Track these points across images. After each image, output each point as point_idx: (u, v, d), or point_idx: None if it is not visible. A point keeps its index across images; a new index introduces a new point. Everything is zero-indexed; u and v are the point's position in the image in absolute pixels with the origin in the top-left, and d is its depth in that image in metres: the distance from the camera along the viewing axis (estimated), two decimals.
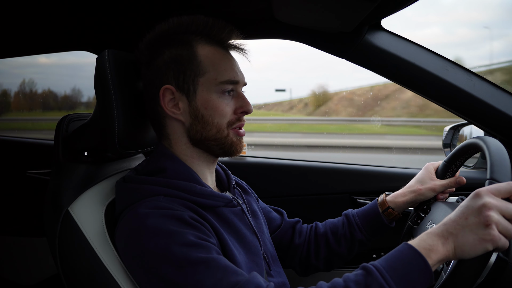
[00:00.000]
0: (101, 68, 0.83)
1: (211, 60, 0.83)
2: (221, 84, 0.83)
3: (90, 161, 0.92)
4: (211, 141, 0.84)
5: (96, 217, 0.82)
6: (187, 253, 0.68)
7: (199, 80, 0.83)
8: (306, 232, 1.10)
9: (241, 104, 0.85)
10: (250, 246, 0.86)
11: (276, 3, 0.94)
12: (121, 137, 0.84)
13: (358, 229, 1.04)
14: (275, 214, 1.12)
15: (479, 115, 1.08)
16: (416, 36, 6.70)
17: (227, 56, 0.87)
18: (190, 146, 0.86)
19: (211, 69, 0.83)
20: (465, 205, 0.68)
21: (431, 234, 0.68)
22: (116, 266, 0.77)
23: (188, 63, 0.83)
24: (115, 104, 0.83)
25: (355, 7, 0.85)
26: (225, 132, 0.84)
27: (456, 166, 1.01)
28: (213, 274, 0.67)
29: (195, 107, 0.83)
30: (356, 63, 1.11)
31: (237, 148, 0.87)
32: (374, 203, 1.06)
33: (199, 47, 0.84)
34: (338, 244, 1.06)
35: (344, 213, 1.10)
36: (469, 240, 0.64)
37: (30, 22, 1.18)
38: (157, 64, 0.85)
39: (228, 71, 0.84)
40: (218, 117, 0.83)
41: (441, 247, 0.66)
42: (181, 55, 0.83)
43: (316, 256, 1.07)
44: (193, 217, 0.75)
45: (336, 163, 1.58)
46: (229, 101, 0.85)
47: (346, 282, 0.67)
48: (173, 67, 0.83)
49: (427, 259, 0.65)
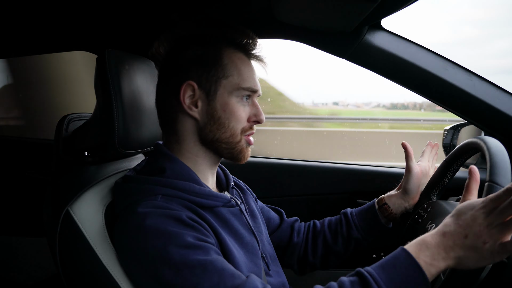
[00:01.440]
0: (101, 68, 0.83)
1: (236, 65, 0.84)
2: (242, 89, 0.84)
3: (90, 161, 0.92)
4: (223, 143, 0.85)
5: (96, 217, 0.82)
6: (185, 255, 0.68)
7: (221, 82, 0.83)
8: (304, 230, 1.11)
9: (255, 113, 0.87)
10: (248, 246, 0.86)
11: (276, 3, 0.94)
12: (121, 137, 0.84)
13: (355, 228, 1.05)
14: (274, 214, 1.13)
15: (479, 115, 1.08)
16: (421, 35, 6.49)
17: (250, 65, 0.88)
18: (198, 145, 0.86)
19: (235, 74, 0.84)
20: (463, 218, 0.66)
21: (432, 247, 0.66)
22: (116, 266, 0.77)
23: (213, 63, 0.83)
24: (115, 104, 0.83)
25: (355, 7, 0.85)
26: (238, 138, 0.85)
27: (456, 166, 1.02)
28: (210, 277, 0.67)
29: (214, 108, 0.83)
30: (356, 63, 1.11)
31: (245, 156, 0.87)
32: (372, 202, 1.07)
33: (225, 50, 0.85)
34: (335, 241, 1.07)
35: (342, 211, 1.11)
36: (470, 257, 0.64)
37: (30, 22, 1.18)
38: (180, 58, 0.85)
39: (249, 78, 0.85)
40: (234, 121, 0.84)
41: (441, 263, 0.65)
42: (207, 54, 0.84)
43: (313, 254, 1.08)
44: (191, 217, 0.75)
45: (336, 163, 1.58)
46: (246, 108, 0.86)
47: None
48: (198, 64, 0.83)
49: (426, 273, 0.64)
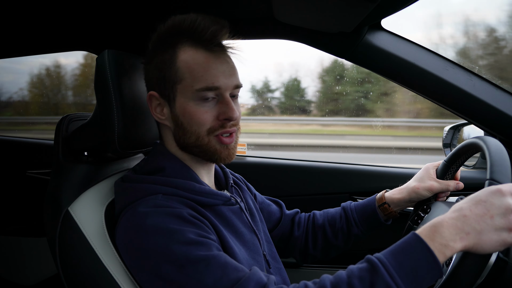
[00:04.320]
0: (101, 68, 0.83)
1: (188, 66, 0.79)
2: (197, 91, 0.78)
3: (90, 161, 0.92)
4: (193, 147, 0.83)
5: (96, 217, 0.82)
6: (187, 251, 0.68)
7: (177, 87, 0.80)
8: (304, 223, 1.12)
9: (223, 110, 0.80)
10: (249, 244, 0.86)
11: (276, 4, 0.94)
12: (121, 137, 0.84)
13: (355, 225, 1.06)
14: (275, 207, 1.13)
15: (479, 115, 1.08)
16: (426, 37, 6.29)
17: (209, 60, 0.80)
18: (179, 150, 0.86)
19: (188, 76, 0.79)
20: (487, 201, 0.64)
21: (449, 227, 0.63)
22: (116, 266, 0.77)
23: (168, 70, 0.80)
24: (115, 104, 0.83)
25: (355, 7, 0.85)
26: (205, 140, 0.81)
27: (456, 166, 1.01)
28: (213, 272, 0.66)
29: (175, 114, 0.82)
30: (356, 63, 1.11)
31: (221, 156, 0.82)
32: (373, 198, 1.07)
33: (181, 51, 0.80)
34: (335, 237, 1.07)
35: (342, 205, 1.11)
36: (492, 239, 0.62)
37: (30, 22, 1.18)
38: (148, 68, 0.84)
39: (205, 77, 0.78)
40: (195, 125, 0.80)
41: (458, 243, 0.62)
42: (164, 60, 0.81)
43: (314, 247, 1.10)
44: (192, 214, 0.75)
45: (336, 163, 1.58)
46: (210, 107, 0.80)
47: (349, 278, 0.63)
48: (157, 73, 0.82)
49: (439, 256, 0.61)
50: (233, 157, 0.84)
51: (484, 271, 0.69)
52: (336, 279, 0.65)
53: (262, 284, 0.66)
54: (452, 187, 0.98)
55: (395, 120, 5.00)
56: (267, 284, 0.67)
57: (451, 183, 0.99)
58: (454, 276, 0.68)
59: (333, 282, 0.65)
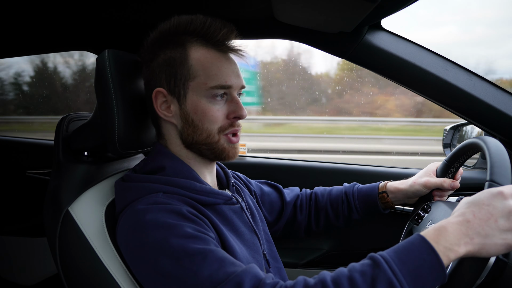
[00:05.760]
0: (101, 68, 0.83)
1: (202, 64, 0.82)
2: (211, 89, 0.81)
3: (90, 161, 0.92)
4: (202, 145, 0.84)
5: (96, 217, 0.82)
6: (184, 244, 0.68)
7: (189, 84, 0.82)
8: (306, 205, 1.16)
9: (233, 109, 0.83)
10: (249, 243, 0.87)
11: (276, 3, 0.94)
12: (121, 137, 0.84)
13: (356, 211, 1.11)
14: (275, 196, 1.15)
15: (479, 115, 1.08)
16: (431, 36, 6.25)
17: (220, 59, 0.84)
18: (183, 148, 0.86)
19: (202, 74, 0.81)
20: (490, 204, 0.64)
21: (454, 232, 0.63)
22: (116, 266, 0.78)
23: (179, 67, 0.82)
24: (115, 104, 0.83)
25: (355, 7, 0.85)
26: (216, 138, 0.83)
27: (456, 166, 1.02)
28: (210, 265, 0.66)
29: (185, 111, 0.83)
30: (356, 63, 1.11)
31: (229, 154, 0.85)
32: (376, 185, 1.11)
33: (192, 49, 0.82)
34: (337, 219, 1.14)
35: (345, 190, 1.14)
36: (497, 243, 0.62)
37: (30, 22, 1.18)
38: (153, 65, 0.85)
39: (219, 75, 0.82)
40: (207, 122, 0.82)
41: (462, 248, 0.62)
42: (174, 57, 0.82)
43: (316, 225, 1.16)
44: (191, 211, 0.75)
45: (336, 163, 1.57)
46: (221, 106, 0.83)
47: (350, 272, 0.63)
48: (166, 69, 0.83)
49: (443, 258, 0.61)
50: (237, 156, 0.87)
51: (484, 271, 0.69)
52: (337, 273, 0.65)
53: (259, 278, 0.66)
54: (447, 184, 0.99)
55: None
56: (264, 279, 0.66)
57: (447, 180, 1.00)
58: (454, 276, 0.68)
59: (333, 276, 0.64)
